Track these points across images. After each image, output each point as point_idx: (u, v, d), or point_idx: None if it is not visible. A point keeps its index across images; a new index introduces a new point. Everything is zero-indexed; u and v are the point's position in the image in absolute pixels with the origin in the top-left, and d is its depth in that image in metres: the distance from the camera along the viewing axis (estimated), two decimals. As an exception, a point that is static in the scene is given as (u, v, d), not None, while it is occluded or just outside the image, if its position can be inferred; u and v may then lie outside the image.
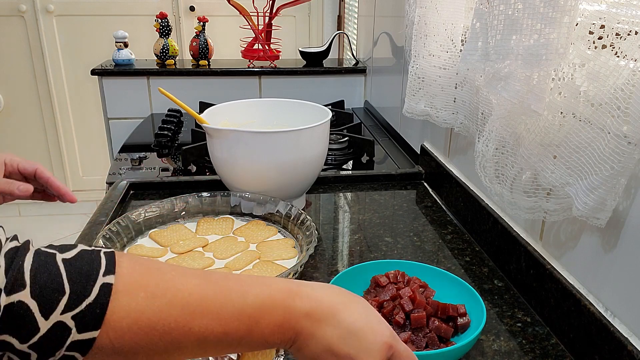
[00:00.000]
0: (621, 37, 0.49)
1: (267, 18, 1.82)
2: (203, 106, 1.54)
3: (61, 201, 0.83)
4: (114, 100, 1.73)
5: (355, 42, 2.02)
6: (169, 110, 1.61)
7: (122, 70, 1.71)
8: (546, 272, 0.66)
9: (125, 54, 1.75)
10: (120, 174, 1.14)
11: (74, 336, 0.36)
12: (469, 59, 0.67)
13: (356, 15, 2.04)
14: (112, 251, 0.39)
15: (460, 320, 0.61)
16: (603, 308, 0.58)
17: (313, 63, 1.85)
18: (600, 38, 0.52)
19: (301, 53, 1.87)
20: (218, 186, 0.99)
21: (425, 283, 0.67)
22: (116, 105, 1.74)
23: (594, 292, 0.60)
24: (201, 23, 1.77)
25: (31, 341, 0.35)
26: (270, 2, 1.81)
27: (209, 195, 0.90)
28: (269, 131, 0.86)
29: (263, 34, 1.83)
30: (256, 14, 1.80)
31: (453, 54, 0.88)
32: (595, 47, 0.53)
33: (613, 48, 0.50)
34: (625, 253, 0.55)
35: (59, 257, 0.37)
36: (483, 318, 0.59)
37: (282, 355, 0.58)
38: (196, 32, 1.79)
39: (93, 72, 1.70)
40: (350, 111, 1.69)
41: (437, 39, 0.89)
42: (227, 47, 2.41)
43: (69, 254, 0.38)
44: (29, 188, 0.78)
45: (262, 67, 1.76)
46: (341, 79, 1.82)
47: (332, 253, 0.84)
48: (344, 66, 1.85)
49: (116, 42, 1.75)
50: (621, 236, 0.55)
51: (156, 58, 1.80)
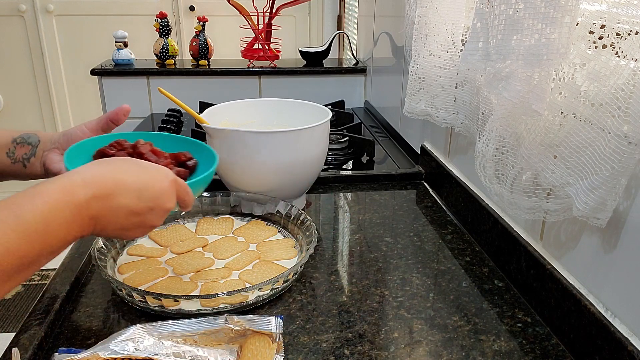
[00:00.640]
0: (622, 37, 0.49)
1: (267, 18, 1.82)
2: (203, 106, 1.54)
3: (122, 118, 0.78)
4: (114, 100, 1.73)
5: (355, 42, 2.02)
6: (169, 110, 1.61)
7: (122, 70, 1.71)
8: (546, 272, 0.66)
9: (125, 54, 1.75)
10: (120, 174, 1.13)
11: None
12: (470, 59, 0.67)
13: (356, 15, 2.04)
14: None
15: (189, 163, 0.68)
16: (603, 308, 0.58)
17: (313, 63, 1.85)
18: (600, 38, 0.52)
19: (301, 53, 1.87)
20: (218, 186, 0.99)
21: (149, 142, 0.68)
22: (116, 105, 1.70)
23: (594, 292, 0.60)
24: (201, 23, 1.77)
25: None
26: (270, 2, 1.81)
27: (209, 195, 0.90)
28: (269, 131, 0.86)
29: (263, 34, 1.83)
30: (256, 14, 1.80)
31: (454, 54, 0.88)
32: (595, 47, 0.53)
33: (613, 48, 0.50)
34: (625, 253, 0.55)
35: None
36: (215, 157, 0.68)
37: (282, 355, 0.58)
38: (196, 32, 1.78)
39: (93, 72, 1.70)
40: (350, 111, 1.69)
41: (438, 39, 0.89)
42: (227, 47, 2.41)
43: None
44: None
45: (262, 67, 1.76)
46: (341, 79, 1.82)
47: (332, 253, 0.84)
48: (344, 66, 1.85)
49: (116, 42, 1.75)
50: (621, 236, 0.55)
51: (156, 58, 1.80)
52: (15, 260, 0.43)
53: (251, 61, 1.83)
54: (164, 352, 0.55)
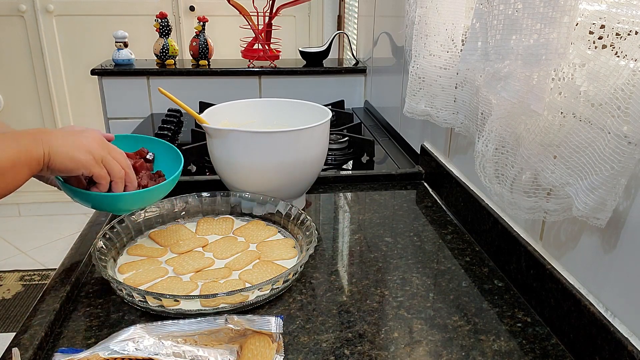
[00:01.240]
0: (621, 37, 0.49)
1: (267, 18, 1.82)
2: (203, 106, 1.54)
3: None
4: (114, 100, 1.73)
5: (355, 42, 2.02)
6: (169, 110, 1.61)
7: (122, 70, 1.71)
8: (546, 272, 0.66)
9: (125, 54, 1.75)
10: (120, 174, 1.13)
11: None
12: (469, 59, 0.67)
13: (356, 15, 2.04)
14: None
15: (148, 156, 0.82)
16: (603, 308, 0.58)
17: (313, 63, 1.85)
18: (600, 38, 0.52)
19: (301, 53, 1.87)
20: (218, 186, 0.99)
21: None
22: (116, 105, 1.74)
23: (594, 292, 0.60)
24: (201, 23, 1.77)
25: None
26: (270, 2, 1.81)
27: (209, 195, 0.90)
28: (269, 131, 0.86)
29: (263, 34, 1.83)
30: (256, 14, 1.80)
31: (453, 54, 0.88)
32: (595, 47, 0.53)
33: (613, 48, 0.50)
34: (625, 253, 0.55)
35: None
36: (181, 158, 0.80)
37: (282, 355, 0.59)
38: (196, 32, 1.79)
39: (93, 72, 1.70)
40: (350, 111, 1.69)
41: (438, 39, 0.89)
42: (227, 47, 2.41)
43: None
44: None
45: (262, 67, 1.76)
46: (341, 79, 1.82)
47: (332, 253, 0.84)
48: (344, 66, 1.85)
49: (116, 42, 1.75)
50: (621, 236, 0.55)
51: (156, 58, 1.80)
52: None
53: (251, 61, 1.83)
54: (164, 352, 0.55)
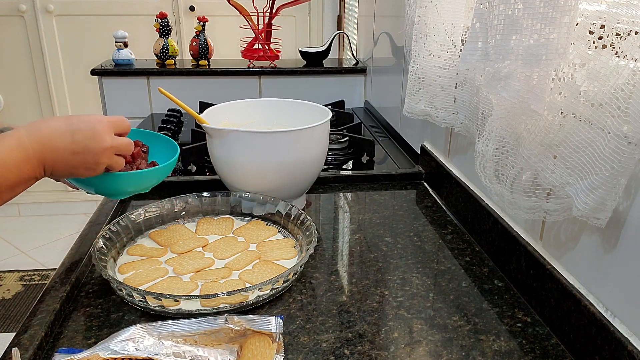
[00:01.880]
0: (621, 37, 0.49)
1: (267, 18, 1.82)
2: (203, 106, 1.54)
3: None
4: (114, 100, 1.73)
5: (355, 42, 2.02)
6: (169, 110, 1.61)
7: (122, 70, 1.71)
8: (546, 272, 0.66)
9: (125, 54, 1.75)
10: (120, 174, 1.13)
11: None
12: (469, 59, 0.67)
13: (356, 15, 2.04)
14: None
15: (143, 149, 0.81)
16: (603, 308, 0.58)
17: (313, 63, 1.85)
18: (600, 38, 0.52)
19: (301, 53, 1.87)
20: (218, 186, 0.99)
21: None
22: (116, 105, 1.74)
23: (594, 292, 0.60)
24: (201, 23, 1.77)
25: None
26: (270, 2, 1.81)
27: (209, 195, 0.90)
28: (269, 131, 0.86)
29: (263, 34, 1.83)
30: (256, 14, 1.80)
31: (453, 54, 0.88)
32: (595, 47, 0.53)
33: (613, 48, 0.50)
34: (625, 253, 0.55)
35: None
36: (177, 148, 0.81)
37: (282, 355, 0.59)
38: (196, 32, 1.79)
39: (93, 72, 1.70)
40: (350, 111, 1.69)
41: (437, 39, 0.89)
42: (227, 47, 2.41)
43: None
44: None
45: (262, 67, 1.76)
46: (341, 79, 1.82)
47: (332, 253, 0.84)
48: (344, 66, 1.85)
49: (116, 42, 1.75)
50: (621, 236, 0.55)
51: (156, 58, 1.80)
52: None
53: (251, 61, 1.83)
54: (164, 352, 0.55)
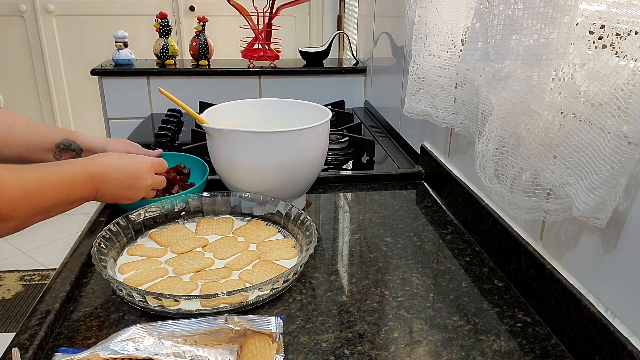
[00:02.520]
0: (621, 37, 0.49)
1: (267, 18, 1.82)
2: (203, 106, 1.54)
3: None
4: (114, 100, 1.73)
5: (355, 42, 2.02)
6: (169, 110, 1.61)
7: (122, 70, 1.71)
8: (546, 272, 0.66)
9: (125, 54, 1.75)
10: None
11: None
12: (469, 59, 0.67)
13: (356, 15, 2.04)
14: None
15: (184, 170, 1.01)
16: (603, 308, 0.58)
17: (313, 63, 1.85)
18: (600, 38, 0.52)
19: (301, 53, 1.87)
20: (218, 186, 0.99)
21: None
22: (116, 105, 1.74)
23: (594, 292, 0.60)
24: (201, 23, 1.77)
25: None
26: (270, 2, 1.81)
27: (209, 195, 0.90)
28: (269, 131, 0.86)
29: (263, 34, 1.83)
30: (256, 14, 1.80)
31: (453, 54, 0.88)
32: (595, 47, 0.53)
33: (613, 48, 0.50)
34: (625, 253, 0.55)
35: None
36: (207, 169, 0.99)
37: (282, 355, 0.59)
38: (196, 32, 1.79)
39: (93, 72, 1.70)
40: (350, 111, 1.69)
41: (438, 39, 0.89)
42: (227, 47, 2.41)
43: None
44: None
45: (262, 67, 1.76)
46: (341, 79, 1.82)
47: (332, 253, 0.84)
48: (344, 66, 1.85)
49: (116, 42, 1.75)
50: (621, 236, 0.55)
51: (156, 58, 1.80)
52: (51, 196, 0.69)
53: (251, 61, 1.83)
54: (164, 352, 0.55)
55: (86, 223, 0.89)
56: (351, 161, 1.25)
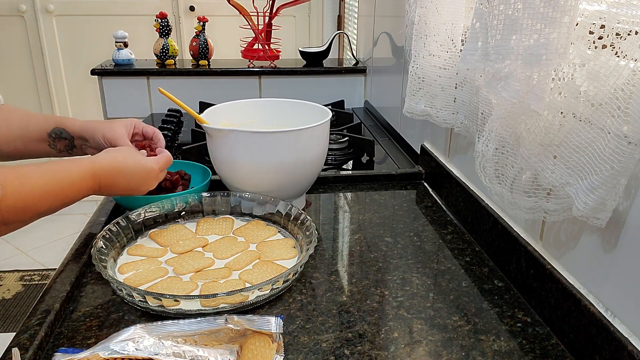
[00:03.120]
0: (621, 37, 0.49)
1: (267, 18, 1.82)
2: (203, 106, 1.54)
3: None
4: (114, 100, 1.73)
5: (355, 42, 2.02)
6: (169, 110, 1.61)
7: (122, 70, 1.71)
8: (546, 272, 0.66)
9: (125, 54, 1.75)
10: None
11: None
12: (469, 59, 0.67)
13: (356, 15, 2.04)
14: None
15: (185, 176, 1.00)
16: (603, 308, 0.58)
17: (313, 63, 1.85)
18: (600, 38, 0.52)
19: (301, 53, 1.87)
20: (218, 186, 0.99)
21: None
22: (116, 105, 1.74)
23: (594, 292, 0.60)
24: (201, 23, 1.77)
25: None
26: (270, 2, 1.81)
27: (209, 195, 0.90)
28: (269, 131, 0.86)
29: (263, 34, 1.83)
30: (256, 14, 1.80)
31: (453, 54, 0.88)
32: (595, 47, 0.53)
33: (613, 48, 0.50)
34: (625, 253, 0.55)
35: None
36: (209, 174, 0.99)
37: (282, 355, 0.59)
38: (196, 32, 1.79)
39: (93, 72, 1.70)
40: (350, 111, 1.69)
41: (437, 39, 0.89)
42: (227, 47, 2.41)
43: None
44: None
45: (262, 67, 1.76)
46: (341, 79, 1.82)
47: (332, 253, 0.84)
48: (344, 66, 1.85)
49: (116, 42, 1.75)
50: (621, 236, 0.55)
51: (156, 58, 1.80)
52: (50, 204, 0.68)
53: (251, 61, 1.83)
54: (164, 352, 0.55)
55: (86, 223, 0.89)
56: (351, 161, 1.25)
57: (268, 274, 0.73)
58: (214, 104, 1.03)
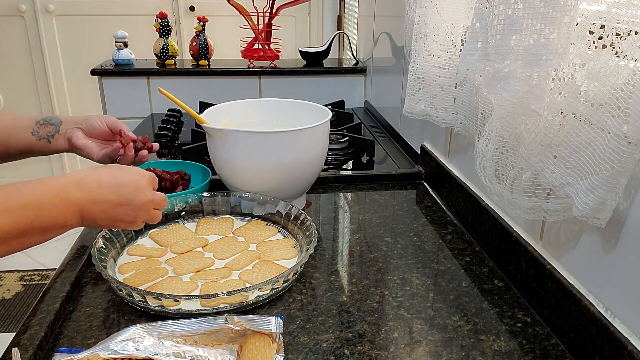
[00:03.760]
0: (621, 37, 0.49)
1: (267, 18, 1.82)
2: (203, 106, 1.54)
3: (148, 152, 0.91)
4: (114, 100, 1.73)
5: (355, 42, 2.02)
6: (169, 110, 1.61)
7: (122, 70, 1.71)
8: (546, 272, 0.66)
9: (125, 54, 1.75)
10: (120, 174, 1.14)
11: None
12: (469, 59, 0.67)
13: (356, 15, 2.04)
14: None
15: (185, 176, 1.00)
16: (603, 308, 0.58)
17: (313, 63, 1.85)
18: (600, 38, 0.52)
19: (301, 53, 1.87)
20: (218, 186, 0.99)
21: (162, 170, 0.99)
22: (116, 105, 1.74)
23: (594, 292, 0.60)
24: (201, 23, 1.77)
25: None
26: (270, 2, 1.81)
27: (209, 195, 0.90)
28: (269, 131, 0.86)
29: (263, 34, 1.83)
30: (256, 14, 1.80)
31: (453, 54, 0.88)
32: (595, 47, 0.53)
33: (613, 48, 0.50)
34: (625, 253, 0.55)
35: None
36: (209, 174, 0.99)
37: (282, 355, 0.59)
38: (196, 32, 1.78)
39: (93, 72, 1.70)
40: (350, 111, 1.69)
41: (437, 39, 0.89)
42: (227, 47, 2.41)
43: None
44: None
45: (262, 67, 1.76)
46: (341, 79, 1.82)
47: (332, 253, 0.84)
48: (344, 66, 1.85)
49: (116, 42, 1.75)
50: (621, 236, 0.55)
51: (156, 58, 1.80)
52: (11, 224, 0.54)
53: (251, 61, 1.83)
54: (164, 352, 0.55)
55: (86, 223, 0.89)
56: (351, 161, 1.25)
57: (268, 274, 0.73)
58: (214, 104, 1.04)
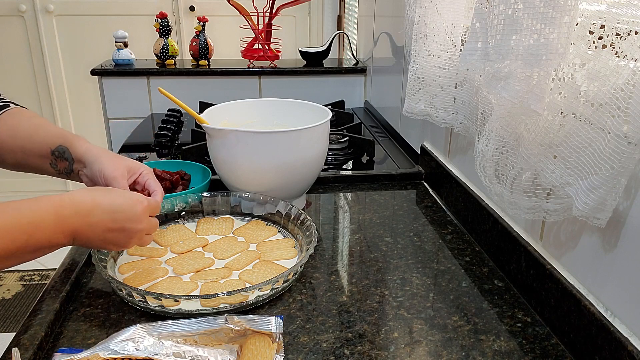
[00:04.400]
0: (621, 37, 0.49)
1: (267, 18, 1.82)
2: (203, 106, 1.54)
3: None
4: (114, 100, 1.73)
5: (355, 42, 2.02)
6: (169, 110, 1.61)
7: (122, 70, 1.71)
8: (546, 272, 0.66)
9: (125, 54, 1.75)
10: (120, 174, 1.13)
11: None
12: (469, 59, 0.67)
13: (356, 15, 2.04)
14: None
15: (185, 176, 1.01)
16: (603, 308, 0.58)
17: (313, 63, 1.85)
18: (600, 38, 0.52)
19: (301, 53, 1.87)
20: (218, 186, 0.99)
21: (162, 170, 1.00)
22: (116, 105, 1.74)
23: (594, 292, 0.60)
24: (201, 23, 1.77)
25: None
26: (270, 2, 1.81)
27: (209, 195, 0.90)
28: (269, 131, 0.86)
29: (263, 34, 1.83)
30: (256, 14, 1.80)
31: (453, 54, 0.88)
32: (595, 47, 0.53)
33: (613, 48, 0.50)
34: (625, 253, 0.55)
35: None
36: (209, 174, 1.00)
37: (282, 355, 0.59)
38: (196, 32, 1.79)
39: (93, 72, 1.70)
40: (350, 111, 1.69)
41: (437, 39, 0.89)
42: (227, 47, 2.41)
43: None
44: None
45: (262, 67, 1.76)
46: (341, 79, 1.82)
47: (332, 253, 0.84)
48: (344, 66, 1.85)
49: (116, 42, 1.75)
50: (621, 236, 0.55)
51: (156, 58, 1.80)
52: (6, 244, 0.54)
53: (251, 61, 1.83)
54: (164, 352, 0.55)
55: (86, 223, 0.89)
56: (351, 161, 1.25)
57: (268, 274, 0.73)
58: (214, 104, 1.04)
